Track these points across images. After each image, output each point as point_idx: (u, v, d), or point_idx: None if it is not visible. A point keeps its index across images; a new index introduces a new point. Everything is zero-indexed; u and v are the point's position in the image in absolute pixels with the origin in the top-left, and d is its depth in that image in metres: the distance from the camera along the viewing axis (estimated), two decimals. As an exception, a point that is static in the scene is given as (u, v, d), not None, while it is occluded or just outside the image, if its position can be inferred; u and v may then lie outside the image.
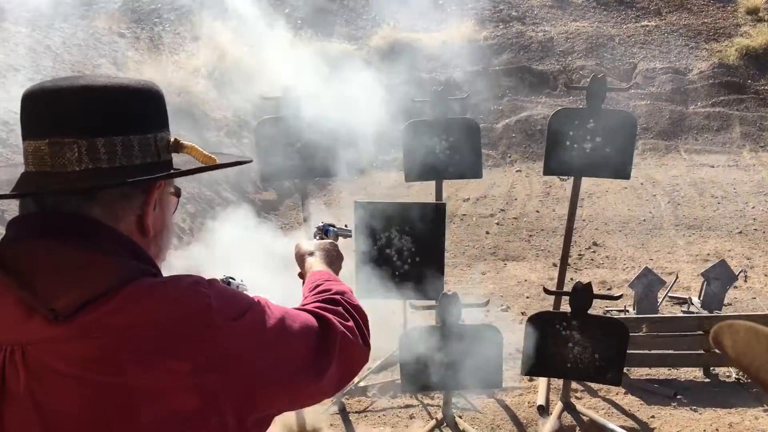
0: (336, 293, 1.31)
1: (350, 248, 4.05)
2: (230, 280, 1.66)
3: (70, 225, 0.98)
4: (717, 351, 4.34)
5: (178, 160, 1.13)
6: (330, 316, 1.19)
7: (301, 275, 1.61)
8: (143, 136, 1.03)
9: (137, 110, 1.04)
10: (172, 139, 1.10)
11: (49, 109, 0.99)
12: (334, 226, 1.87)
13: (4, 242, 0.97)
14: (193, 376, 0.92)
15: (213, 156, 1.11)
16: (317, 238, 1.81)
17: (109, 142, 0.99)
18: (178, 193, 1.20)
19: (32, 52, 8.87)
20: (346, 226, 1.95)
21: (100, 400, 0.88)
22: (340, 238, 1.87)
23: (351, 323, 1.23)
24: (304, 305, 1.25)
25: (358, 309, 1.30)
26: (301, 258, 1.62)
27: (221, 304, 0.99)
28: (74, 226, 0.98)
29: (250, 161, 1.23)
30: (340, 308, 1.24)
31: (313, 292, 1.33)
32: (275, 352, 1.04)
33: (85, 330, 0.89)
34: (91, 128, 0.98)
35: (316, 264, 1.56)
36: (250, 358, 1.00)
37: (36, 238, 0.96)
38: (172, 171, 1.08)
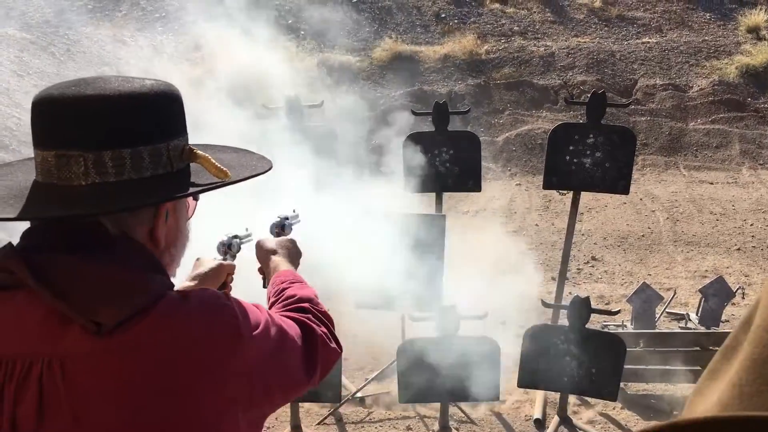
0: (303, 300, 1.33)
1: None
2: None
3: (90, 238, 0.96)
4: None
5: (196, 167, 1.08)
6: (310, 323, 1.24)
7: (261, 271, 1.65)
8: (154, 146, 0.99)
9: (148, 119, 1.00)
10: (186, 147, 1.06)
11: (54, 120, 0.95)
12: (287, 218, 1.87)
13: (27, 252, 0.94)
14: (226, 385, 0.95)
15: (225, 170, 1.06)
16: (274, 233, 1.81)
17: (117, 155, 0.95)
18: (196, 198, 1.18)
19: (36, 58, 8.92)
20: (294, 211, 1.92)
21: (140, 415, 0.88)
22: (294, 226, 1.87)
23: (324, 329, 1.27)
24: (276, 310, 1.28)
25: (326, 315, 1.34)
26: (265, 256, 1.61)
27: (243, 316, 1.01)
28: (95, 238, 0.96)
29: (270, 168, 1.19)
30: (310, 315, 1.28)
31: (282, 298, 1.35)
32: (280, 359, 1.09)
33: (126, 346, 0.89)
34: (97, 141, 0.94)
35: (281, 263, 1.56)
36: (263, 366, 1.03)
37: (61, 251, 0.94)
38: (175, 195, 1.04)
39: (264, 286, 1.66)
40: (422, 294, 3.93)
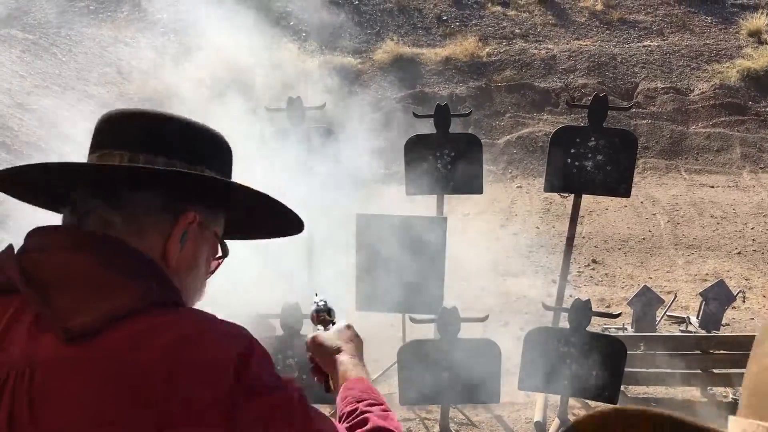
0: (377, 430, 1.13)
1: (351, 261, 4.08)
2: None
3: (93, 240, 0.96)
4: (714, 371, 4.35)
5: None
6: None
7: (320, 371, 1.45)
8: (190, 164, 1.03)
9: (192, 143, 1.05)
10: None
11: (100, 131, 1.04)
12: (325, 301, 1.60)
13: (27, 253, 0.94)
14: None
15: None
16: (320, 321, 1.55)
17: (149, 159, 1.00)
18: (225, 252, 1.14)
19: (38, 59, 8.93)
20: (317, 295, 1.66)
21: (101, 424, 0.83)
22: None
23: None
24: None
25: None
26: (328, 355, 1.39)
27: (259, 365, 0.92)
28: (98, 241, 0.96)
29: (301, 229, 1.20)
30: None
31: (352, 418, 1.17)
32: None
33: (97, 355, 0.84)
34: (136, 145, 1.01)
35: (349, 367, 1.33)
36: None
37: (58, 250, 0.94)
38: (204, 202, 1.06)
39: (327, 391, 1.42)
40: (423, 296, 3.93)
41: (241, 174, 1.23)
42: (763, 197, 9.18)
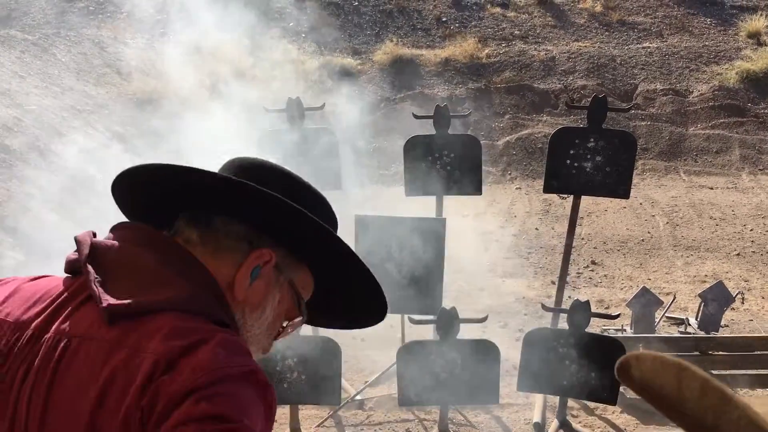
0: None
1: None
2: None
3: (161, 240, 0.99)
4: (713, 372, 4.35)
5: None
6: None
7: None
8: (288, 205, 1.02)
9: (292, 186, 1.08)
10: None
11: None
12: None
13: (102, 242, 0.98)
14: None
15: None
16: None
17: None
18: (303, 315, 1.13)
19: (37, 59, 8.93)
20: None
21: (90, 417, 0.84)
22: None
23: None
24: None
25: None
26: None
27: (270, 401, 0.89)
28: (165, 242, 0.99)
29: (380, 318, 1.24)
30: None
31: None
32: None
33: (120, 340, 0.86)
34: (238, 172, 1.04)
35: None
36: None
37: (127, 243, 0.97)
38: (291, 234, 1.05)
39: None
40: (422, 297, 3.93)
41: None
42: (762, 199, 9.18)
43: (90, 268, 0.92)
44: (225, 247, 1.00)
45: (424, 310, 3.83)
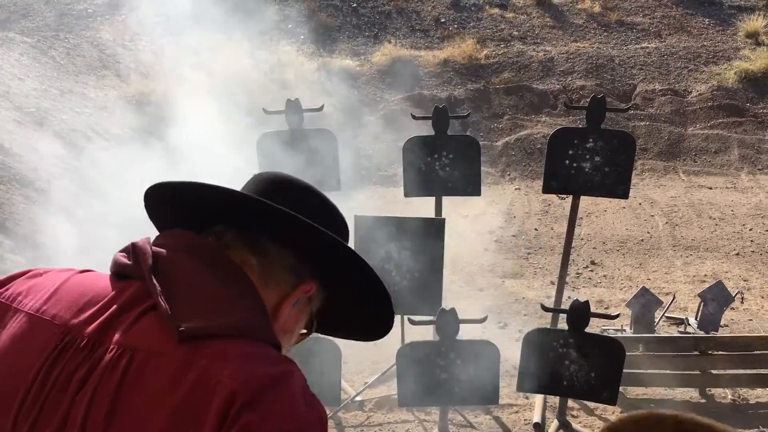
0: None
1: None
2: None
3: (224, 262, 1.00)
4: (713, 372, 4.35)
5: None
6: None
7: None
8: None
9: (334, 216, 1.15)
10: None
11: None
12: None
13: (163, 254, 0.98)
14: None
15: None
16: None
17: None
18: (310, 330, 1.19)
19: (36, 62, 8.94)
20: None
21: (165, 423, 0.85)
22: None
23: None
24: None
25: None
26: None
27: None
28: (229, 267, 0.99)
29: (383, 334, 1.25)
30: None
31: None
32: None
33: (189, 361, 0.87)
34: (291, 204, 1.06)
35: None
36: None
37: (191, 257, 0.98)
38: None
39: None
40: (422, 297, 3.93)
41: (239, 176, 1.24)
42: (761, 198, 9.19)
43: (155, 281, 0.93)
44: (276, 275, 1.05)
45: (424, 311, 3.83)
